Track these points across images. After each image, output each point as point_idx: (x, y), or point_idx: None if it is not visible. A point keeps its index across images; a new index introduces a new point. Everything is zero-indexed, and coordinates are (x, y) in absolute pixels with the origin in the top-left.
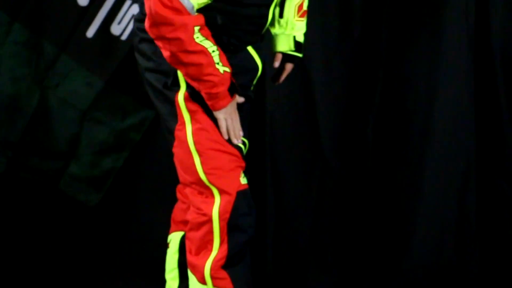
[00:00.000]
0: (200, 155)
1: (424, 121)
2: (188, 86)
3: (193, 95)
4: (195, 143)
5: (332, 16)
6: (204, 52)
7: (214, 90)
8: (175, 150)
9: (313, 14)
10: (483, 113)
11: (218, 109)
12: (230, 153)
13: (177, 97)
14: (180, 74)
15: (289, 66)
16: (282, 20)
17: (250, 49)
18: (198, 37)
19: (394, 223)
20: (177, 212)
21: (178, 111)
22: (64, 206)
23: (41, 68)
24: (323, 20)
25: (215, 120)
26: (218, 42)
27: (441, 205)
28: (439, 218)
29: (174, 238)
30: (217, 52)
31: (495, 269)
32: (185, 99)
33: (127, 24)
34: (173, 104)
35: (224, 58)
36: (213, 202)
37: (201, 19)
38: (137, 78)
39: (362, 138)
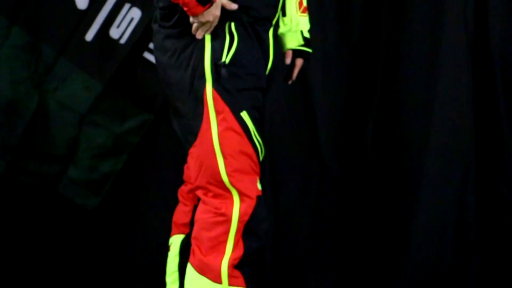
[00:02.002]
0: (224, 156)
1: (423, 124)
2: (215, 83)
3: (221, 93)
4: (220, 144)
5: (331, 20)
6: None
7: (180, 1)
8: (194, 150)
9: (312, 18)
10: (482, 116)
11: (191, 16)
12: (250, 158)
13: (205, 95)
14: (206, 67)
15: (299, 62)
16: (285, 18)
17: (270, 36)
18: None
19: (393, 226)
20: (179, 214)
21: (204, 109)
22: (63, 210)
23: (40, 71)
24: (322, 24)
25: (241, 122)
26: (241, 24)
27: (440, 208)
28: (438, 220)
29: (175, 241)
30: None
31: (495, 272)
32: (214, 98)
33: (126, 28)
34: (199, 102)
35: None
36: (232, 204)
37: None
38: (136, 82)
39: (361, 141)
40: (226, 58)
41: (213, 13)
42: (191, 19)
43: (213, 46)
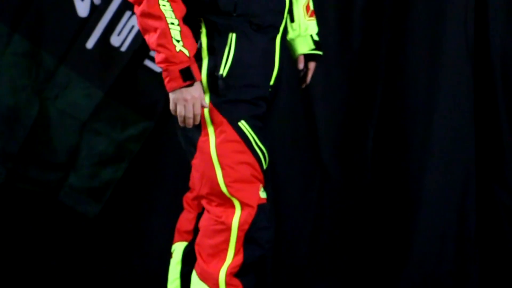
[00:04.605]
0: (222, 167)
1: (423, 131)
2: (213, 95)
3: (218, 106)
4: (218, 155)
5: (331, 28)
6: (161, 18)
7: (164, 65)
8: (196, 161)
9: None
10: (483, 123)
11: (169, 90)
12: (251, 165)
13: (203, 109)
14: (203, 80)
15: (312, 65)
16: (294, 24)
17: (277, 44)
18: (165, 5)
19: (394, 232)
20: (183, 221)
21: (202, 122)
22: (64, 218)
23: (41, 79)
24: (322, 32)
25: (239, 131)
26: (244, 27)
27: (441, 215)
28: (439, 227)
29: (178, 248)
30: (177, 28)
31: (496, 278)
32: (210, 111)
33: (127, 35)
34: None
35: (189, 40)
36: (233, 213)
37: None
38: (137, 89)
39: (361, 148)
40: (223, 70)
41: (192, 94)
42: (170, 105)
43: (211, 59)
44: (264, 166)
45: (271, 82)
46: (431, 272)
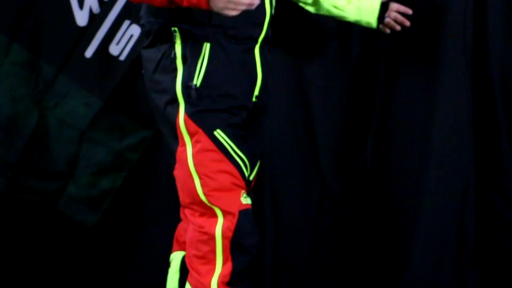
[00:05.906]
0: (200, 177)
1: (422, 141)
2: (187, 105)
3: (193, 116)
4: (195, 165)
5: (330, 37)
6: None
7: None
8: (176, 172)
9: (311, 36)
10: (482, 134)
11: (205, 5)
12: (230, 173)
13: (178, 119)
14: (178, 91)
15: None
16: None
17: (256, 55)
18: None
19: (392, 244)
20: (181, 231)
21: (178, 132)
22: (63, 227)
23: (40, 88)
24: (321, 41)
25: (215, 141)
26: (218, 37)
27: (440, 226)
28: (438, 237)
29: (176, 258)
30: None
31: None
32: (185, 121)
33: (126, 44)
34: (173, 125)
35: None
36: (215, 221)
37: None
38: (136, 98)
39: (360, 159)
40: (197, 80)
41: None
42: (224, 14)
43: (185, 69)
44: (246, 173)
45: (256, 93)
46: (430, 280)
